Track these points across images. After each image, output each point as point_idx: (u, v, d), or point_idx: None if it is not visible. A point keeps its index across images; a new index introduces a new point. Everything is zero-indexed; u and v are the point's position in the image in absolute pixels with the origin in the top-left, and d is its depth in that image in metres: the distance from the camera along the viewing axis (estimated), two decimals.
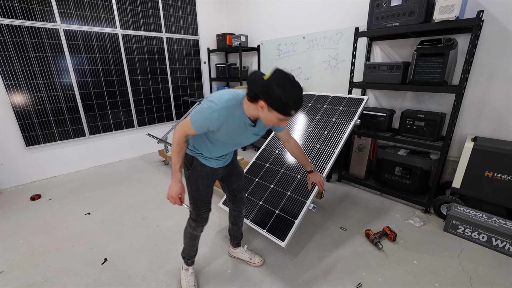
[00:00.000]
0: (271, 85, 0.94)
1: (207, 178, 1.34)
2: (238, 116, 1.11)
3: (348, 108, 2.30)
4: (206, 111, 1.07)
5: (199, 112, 1.09)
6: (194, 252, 1.57)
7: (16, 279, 1.63)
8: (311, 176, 1.67)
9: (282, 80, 0.94)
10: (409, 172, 2.41)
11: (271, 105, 0.96)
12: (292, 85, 0.94)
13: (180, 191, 1.24)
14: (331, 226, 2.13)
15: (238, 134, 1.18)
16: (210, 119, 1.07)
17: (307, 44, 3.39)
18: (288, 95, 0.93)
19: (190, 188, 1.34)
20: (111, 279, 1.62)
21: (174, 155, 1.20)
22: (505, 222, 1.84)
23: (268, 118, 1.03)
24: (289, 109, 0.96)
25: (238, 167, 1.53)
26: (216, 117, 1.06)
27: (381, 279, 1.59)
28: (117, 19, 3.32)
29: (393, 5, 2.13)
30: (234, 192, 1.57)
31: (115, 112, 3.56)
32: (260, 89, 0.97)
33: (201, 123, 1.09)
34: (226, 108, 1.07)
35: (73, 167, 3.38)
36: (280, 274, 1.64)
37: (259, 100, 0.99)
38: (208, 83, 4.62)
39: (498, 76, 2.06)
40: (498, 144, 1.93)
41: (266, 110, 1.00)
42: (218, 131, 1.12)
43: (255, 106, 1.04)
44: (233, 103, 1.09)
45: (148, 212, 2.37)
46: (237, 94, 1.11)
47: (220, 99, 1.07)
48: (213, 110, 1.06)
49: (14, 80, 2.74)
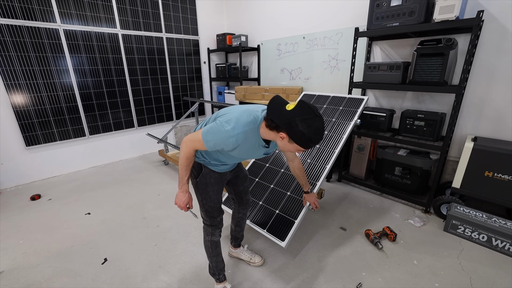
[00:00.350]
0: (294, 120, 0.91)
1: (216, 184, 1.32)
2: (254, 139, 1.09)
3: (348, 108, 2.30)
4: (223, 135, 1.03)
5: (214, 133, 1.05)
6: (222, 264, 1.49)
7: (16, 279, 1.63)
8: (307, 196, 1.64)
9: (307, 115, 0.92)
10: (409, 172, 2.41)
11: (293, 139, 0.95)
12: (316, 120, 0.93)
13: (187, 201, 1.26)
14: (331, 226, 2.13)
15: (249, 152, 1.16)
16: (226, 143, 1.04)
17: (307, 44, 3.39)
18: (313, 131, 0.92)
19: (200, 196, 1.33)
20: (111, 279, 1.62)
21: (182, 168, 1.18)
22: (505, 222, 1.84)
23: (286, 148, 1.02)
24: (312, 143, 0.95)
25: (243, 169, 1.53)
26: (233, 142, 1.03)
27: (381, 279, 1.59)
28: (117, 19, 3.32)
29: (393, 5, 2.13)
30: (240, 194, 1.56)
31: (115, 112, 3.56)
32: (283, 122, 0.94)
33: (215, 144, 1.07)
34: (244, 134, 1.04)
35: (73, 167, 3.38)
36: (280, 274, 1.64)
37: (281, 132, 0.97)
38: (208, 83, 4.62)
39: (498, 76, 2.06)
40: (498, 144, 1.93)
41: (286, 141, 0.98)
42: (231, 151, 1.10)
43: (274, 134, 1.02)
44: (251, 128, 1.05)
45: (148, 212, 2.37)
46: (255, 118, 1.06)
47: (237, 123, 1.03)
48: (230, 135, 1.02)
49: (14, 80, 2.74)
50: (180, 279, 1.61)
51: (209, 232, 1.40)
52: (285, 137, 0.97)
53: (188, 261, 1.76)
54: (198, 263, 1.73)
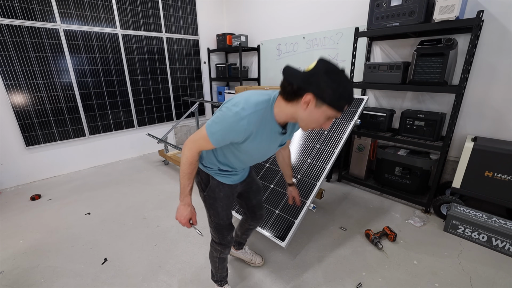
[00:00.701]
0: (319, 74, 0.76)
1: (226, 199, 1.16)
2: (268, 124, 0.91)
3: (348, 108, 2.30)
4: (230, 119, 0.84)
5: (219, 122, 0.87)
6: (225, 273, 1.43)
7: (16, 279, 1.63)
8: (291, 189, 1.47)
9: (332, 68, 0.77)
10: (409, 172, 2.41)
11: (321, 98, 0.78)
12: (343, 74, 0.78)
13: (189, 216, 1.06)
14: (331, 226, 2.13)
15: (264, 144, 0.96)
16: (236, 129, 0.85)
17: (307, 44, 3.39)
18: (344, 85, 0.77)
19: (208, 212, 1.19)
20: (111, 279, 1.62)
21: (184, 176, 0.99)
22: (505, 222, 1.84)
23: (312, 118, 0.83)
24: (343, 101, 0.79)
25: (256, 180, 1.36)
26: (244, 125, 0.84)
27: (381, 279, 1.59)
28: (117, 19, 3.32)
29: (393, 5, 2.13)
30: (254, 209, 1.37)
31: (115, 112, 3.56)
32: (306, 81, 0.78)
33: (223, 134, 0.88)
34: (256, 114, 0.85)
35: (73, 167, 3.38)
36: (280, 274, 1.64)
37: (305, 95, 0.79)
38: (208, 83, 4.62)
39: (498, 76, 2.06)
40: (498, 144, 1.93)
41: (313, 107, 0.80)
42: (243, 142, 0.91)
43: (293, 106, 0.84)
44: (264, 107, 0.88)
45: (148, 212, 2.37)
46: (267, 95, 0.90)
47: (247, 103, 0.85)
48: (241, 117, 0.83)
49: (14, 80, 2.73)
50: (180, 279, 1.61)
51: (218, 250, 1.27)
52: (311, 100, 0.79)
53: (188, 261, 1.76)
54: (198, 263, 1.73)
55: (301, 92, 0.80)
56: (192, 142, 0.96)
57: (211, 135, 0.89)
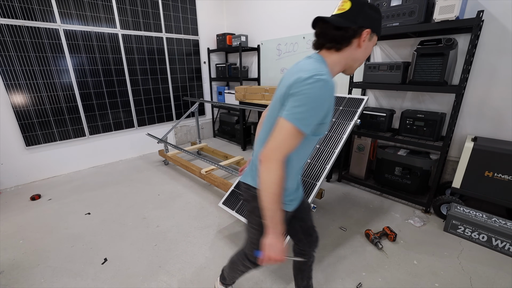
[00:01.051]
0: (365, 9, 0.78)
1: None
2: None
3: (348, 108, 2.30)
4: (319, 91, 0.72)
5: (303, 103, 0.72)
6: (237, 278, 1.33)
7: (16, 279, 1.63)
8: None
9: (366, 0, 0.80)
10: (409, 172, 2.41)
11: (375, 30, 0.81)
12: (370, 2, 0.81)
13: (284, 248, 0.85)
14: (331, 226, 2.13)
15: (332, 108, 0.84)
16: (328, 98, 0.74)
17: (307, 44, 3.39)
18: (380, 11, 0.82)
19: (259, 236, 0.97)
20: (111, 279, 1.62)
21: (274, 201, 0.77)
22: (505, 222, 1.84)
23: (367, 53, 0.84)
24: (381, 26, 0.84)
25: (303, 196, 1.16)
26: (331, 85, 0.74)
27: (381, 279, 1.59)
28: (117, 19, 3.32)
29: (393, 5, 2.13)
30: (309, 231, 1.17)
31: (115, 112, 3.56)
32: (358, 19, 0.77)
33: (316, 113, 0.74)
34: (329, 75, 0.76)
35: (73, 167, 3.38)
36: (280, 274, 1.64)
37: (363, 32, 0.78)
38: (208, 83, 4.63)
39: (498, 76, 2.06)
40: (498, 144, 1.93)
41: (367, 41, 0.81)
42: (326, 116, 0.79)
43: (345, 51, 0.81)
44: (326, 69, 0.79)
45: (148, 212, 2.38)
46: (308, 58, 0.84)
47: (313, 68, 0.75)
48: (326, 82, 0.72)
49: (14, 80, 2.73)
50: (180, 279, 1.61)
51: (247, 267, 1.16)
52: (368, 33, 0.79)
53: (188, 261, 1.76)
54: (198, 263, 1.73)
55: (360, 31, 0.79)
56: (274, 150, 0.74)
57: (301, 120, 0.72)
